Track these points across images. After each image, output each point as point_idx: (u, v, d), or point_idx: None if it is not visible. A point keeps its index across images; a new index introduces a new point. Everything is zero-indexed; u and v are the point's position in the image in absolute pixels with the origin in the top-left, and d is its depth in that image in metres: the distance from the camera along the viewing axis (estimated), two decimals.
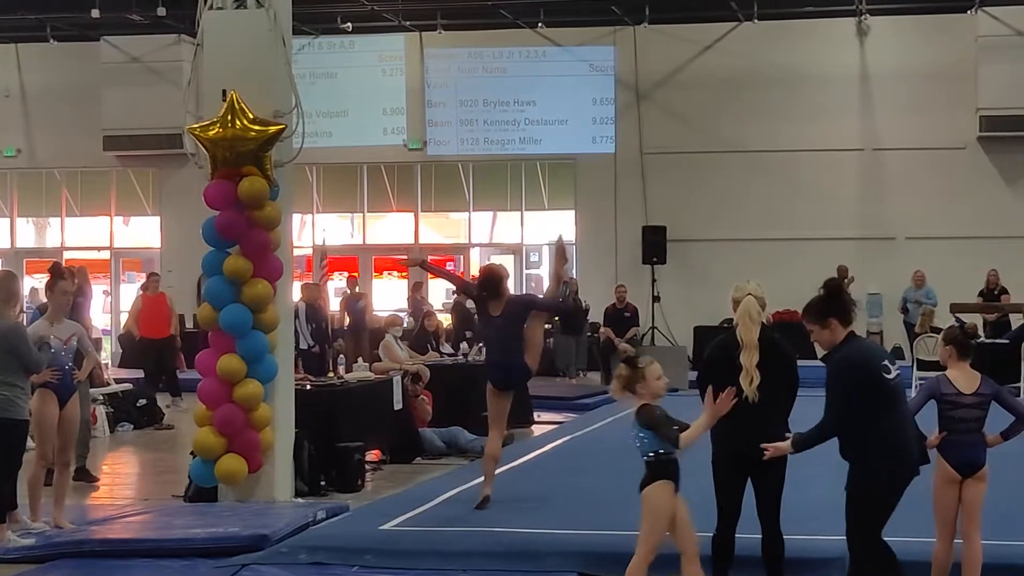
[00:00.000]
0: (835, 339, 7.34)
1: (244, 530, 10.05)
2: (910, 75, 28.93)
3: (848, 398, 7.17)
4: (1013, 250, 27.50)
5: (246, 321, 11.38)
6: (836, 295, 7.47)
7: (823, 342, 7.41)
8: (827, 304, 7.42)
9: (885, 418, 7.20)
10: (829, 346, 7.37)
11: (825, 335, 7.37)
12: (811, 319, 7.41)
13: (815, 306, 7.43)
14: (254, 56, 11.86)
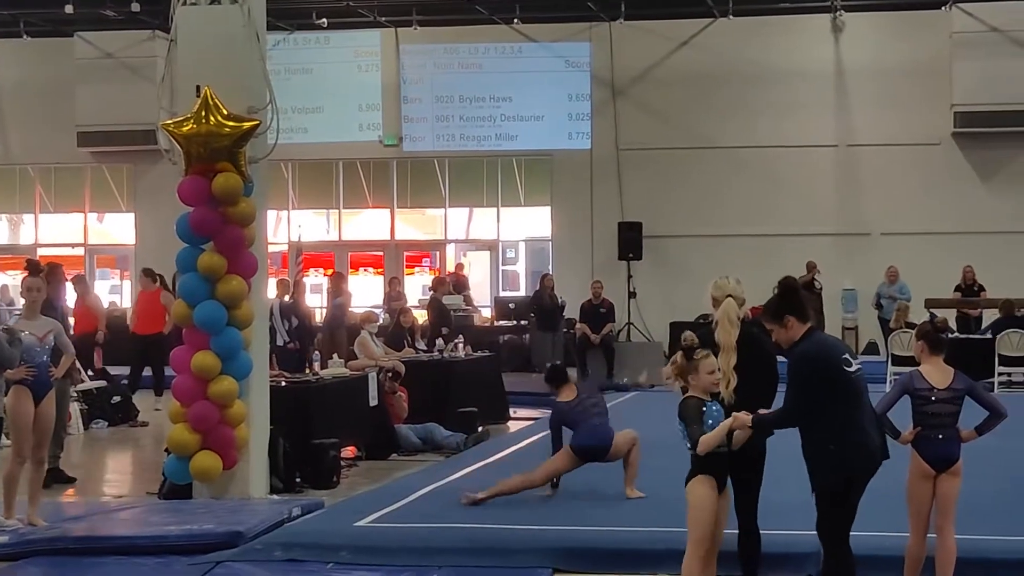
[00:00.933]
0: (794, 336, 7.38)
1: (219, 527, 10.02)
2: (885, 71, 29.03)
3: (807, 392, 7.22)
4: (987, 246, 27.61)
5: (220, 318, 11.35)
6: (790, 293, 7.50)
7: (783, 340, 7.44)
8: (782, 303, 7.46)
9: (844, 412, 7.23)
10: (789, 343, 7.41)
11: (784, 333, 7.41)
12: (769, 319, 7.47)
13: (771, 306, 7.47)
14: (228, 52, 11.82)
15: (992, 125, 28.16)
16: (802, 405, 7.22)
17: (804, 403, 7.21)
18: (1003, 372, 21.71)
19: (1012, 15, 28.02)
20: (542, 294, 25.92)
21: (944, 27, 28.47)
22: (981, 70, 28.03)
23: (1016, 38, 27.99)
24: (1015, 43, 27.97)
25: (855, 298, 28.30)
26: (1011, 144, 28.46)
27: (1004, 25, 28.05)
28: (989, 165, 28.77)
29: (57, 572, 9.36)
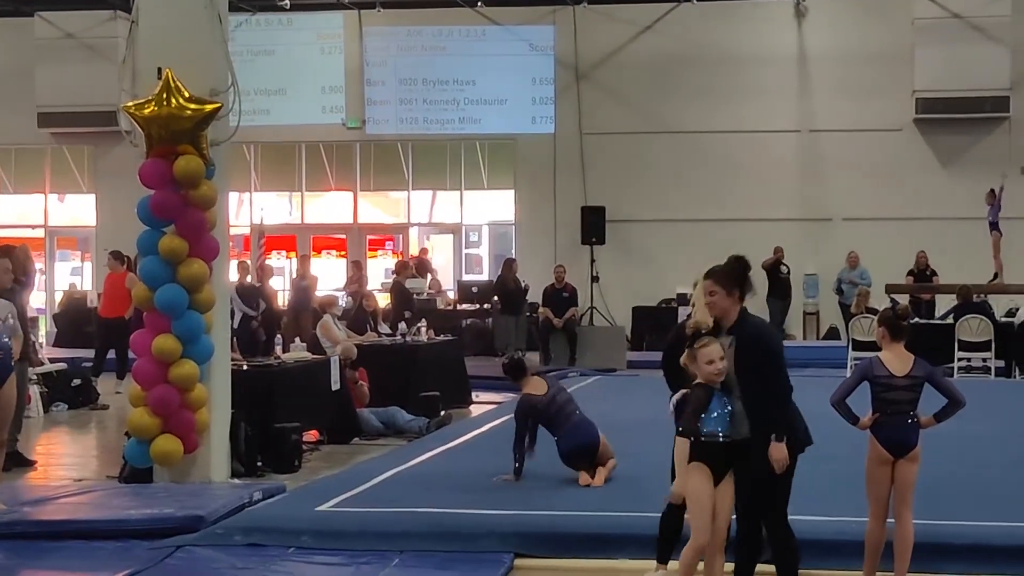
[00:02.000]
0: (732, 310, 7.47)
1: (179, 511, 9.98)
2: (847, 57, 29.16)
3: (784, 367, 7.33)
4: (947, 231, 27.80)
5: (182, 301, 11.29)
6: (747, 269, 7.66)
7: (719, 307, 7.47)
8: (740, 275, 7.57)
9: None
10: (722, 313, 7.47)
11: (726, 302, 7.47)
12: (720, 282, 7.49)
13: (729, 273, 7.55)
14: (190, 33, 11.74)
15: (953, 111, 28.34)
16: (787, 381, 7.33)
17: (787, 378, 7.33)
18: (962, 357, 21.86)
19: (973, 1, 28.19)
20: (506, 278, 25.92)
21: (906, 13, 28.60)
22: (942, 56, 28.18)
23: (977, 24, 28.14)
24: (976, 29, 28.12)
25: (816, 283, 28.45)
26: (971, 130, 28.65)
27: (965, 11, 28.20)
28: (949, 151, 28.94)
29: (16, 556, 9.30)
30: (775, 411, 7.39)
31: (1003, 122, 28.62)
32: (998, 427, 14.76)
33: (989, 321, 21.82)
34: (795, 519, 9.16)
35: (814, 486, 10.71)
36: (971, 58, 27.98)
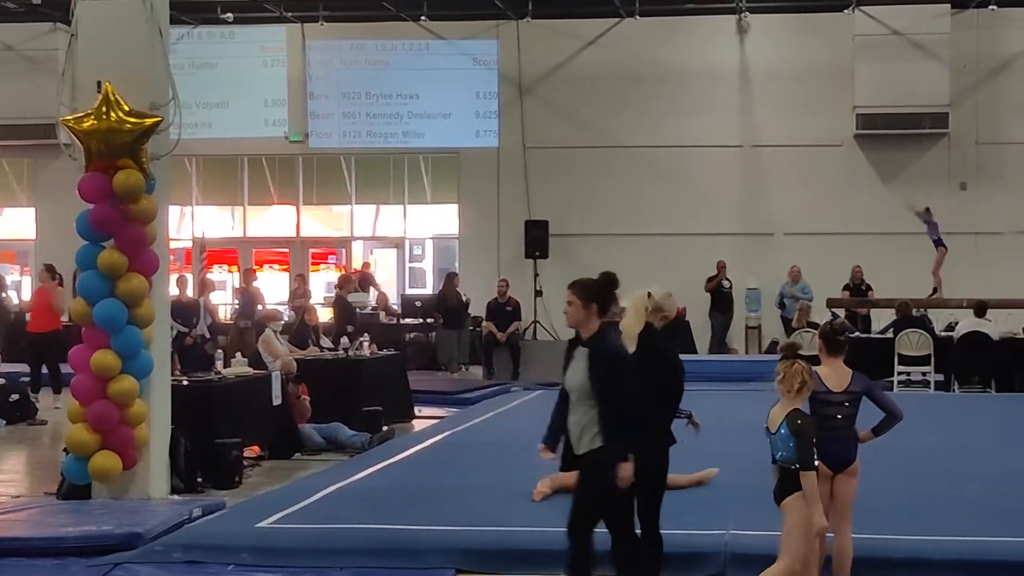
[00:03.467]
0: (587, 322, 7.50)
1: (118, 528, 9.90)
2: (789, 73, 29.35)
3: (635, 380, 7.41)
4: (887, 246, 27.99)
5: (121, 316, 11.21)
6: (610, 286, 7.69)
7: (574, 319, 7.52)
8: (601, 290, 7.61)
9: None
10: (575, 325, 7.54)
11: (581, 314, 7.50)
12: (578, 293, 7.53)
13: (590, 285, 7.59)
14: (130, 47, 11.68)
15: (893, 127, 28.57)
16: (636, 401, 7.36)
17: (637, 397, 7.36)
18: (902, 371, 22.01)
19: (913, 18, 28.41)
20: (448, 292, 25.90)
21: (847, 30, 28.81)
22: (882, 72, 28.40)
23: (917, 41, 28.38)
24: (916, 46, 28.35)
25: (758, 297, 28.57)
26: (911, 146, 28.90)
27: (905, 28, 28.43)
28: (889, 166, 29.16)
29: None
30: (627, 427, 7.40)
31: (942, 138, 28.88)
32: (937, 441, 14.87)
33: (928, 335, 21.99)
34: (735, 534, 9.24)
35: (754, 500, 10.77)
36: (911, 75, 28.21)
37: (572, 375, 7.54)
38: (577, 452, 7.53)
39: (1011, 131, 28.94)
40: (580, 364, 7.48)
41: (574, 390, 7.51)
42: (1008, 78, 29.04)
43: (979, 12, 28.63)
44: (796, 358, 7.59)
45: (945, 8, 28.48)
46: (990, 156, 28.99)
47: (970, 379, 22.22)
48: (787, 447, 7.44)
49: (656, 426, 7.78)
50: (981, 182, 28.78)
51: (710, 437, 7.97)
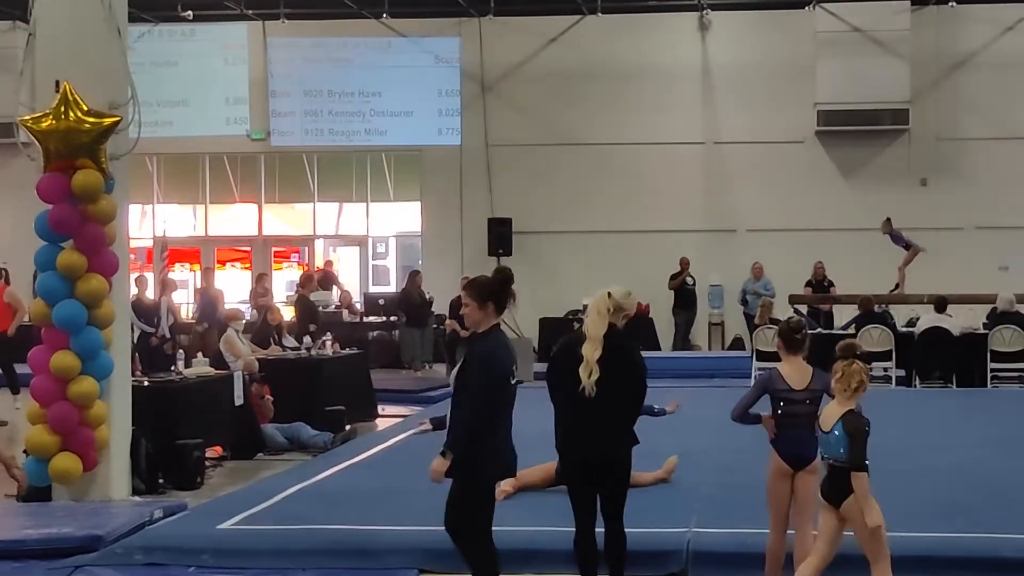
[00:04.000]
0: (485, 322, 7.52)
1: (78, 530, 9.85)
2: (751, 69, 29.43)
3: (492, 391, 7.41)
4: (849, 242, 28.12)
5: (80, 317, 11.15)
6: (505, 283, 7.71)
7: (472, 319, 7.55)
8: (496, 288, 7.62)
9: (500, 419, 7.49)
10: (475, 325, 7.55)
11: (478, 314, 7.52)
12: (473, 294, 7.55)
13: (484, 285, 7.61)
14: (89, 46, 11.60)
15: (854, 123, 28.68)
16: (494, 400, 7.38)
17: (491, 400, 7.37)
18: None
19: (873, 15, 28.53)
20: (411, 290, 25.86)
21: (808, 26, 28.90)
22: (844, 69, 28.50)
23: (877, 38, 28.50)
24: (877, 43, 28.47)
25: (721, 294, 28.66)
26: (872, 142, 29.03)
27: (866, 25, 28.55)
28: (851, 162, 29.30)
29: None
30: (458, 429, 7.44)
31: (903, 134, 29.02)
32: (898, 437, 14.92)
33: (890, 331, 22.09)
34: (698, 532, 9.26)
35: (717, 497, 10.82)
36: (872, 71, 28.33)
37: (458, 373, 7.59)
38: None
39: (971, 127, 29.11)
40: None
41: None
42: (968, 74, 29.20)
43: (939, 8, 28.79)
44: (855, 358, 7.56)
45: (905, 4, 28.61)
46: (950, 152, 29.15)
47: (931, 374, 22.33)
48: (842, 447, 7.41)
49: (622, 426, 7.79)
50: (941, 178, 28.94)
51: (673, 434, 7.98)
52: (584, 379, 7.65)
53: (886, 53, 28.44)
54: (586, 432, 7.74)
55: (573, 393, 7.70)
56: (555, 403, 7.96)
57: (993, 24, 29.03)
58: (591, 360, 7.69)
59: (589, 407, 7.67)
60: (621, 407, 7.79)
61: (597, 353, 7.70)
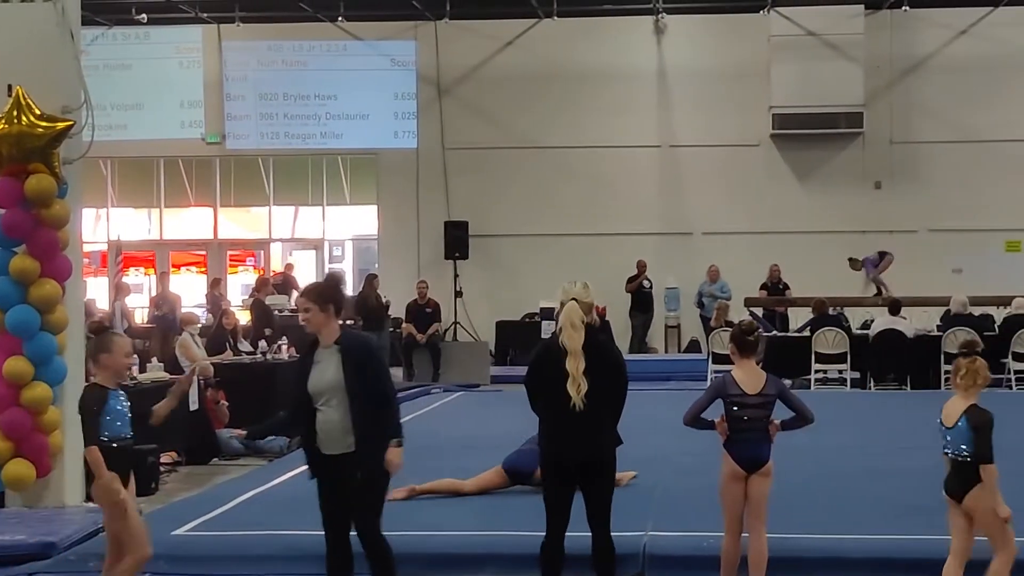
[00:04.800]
0: (328, 324, 7.61)
1: (31, 537, 9.80)
2: (706, 73, 29.54)
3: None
4: (804, 245, 28.31)
5: (33, 323, 11.08)
6: (339, 286, 7.92)
7: (314, 323, 7.62)
8: (333, 291, 7.75)
9: None
10: (317, 328, 7.62)
11: (319, 318, 7.60)
12: (313, 299, 7.63)
13: (322, 290, 7.73)
14: (41, 50, 11.54)
15: (808, 127, 28.84)
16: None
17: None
18: (819, 369, 22.22)
19: (828, 19, 28.70)
20: (367, 294, 25.79)
21: (763, 30, 29.04)
22: (798, 72, 28.67)
23: (831, 42, 28.67)
24: (831, 47, 28.65)
25: (677, 296, 28.74)
26: (826, 146, 29.21)
27: (820, 29, 28.71)
28: (805, 166, 29.47)
29: None
30: (393, 416, 7.65)
31: (857, 137, 29.21)
32: (853, 438, 15.03)
33: (844, 333, 22.21)
34: (654, 535, 9.28)
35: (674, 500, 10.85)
36: (826, 75, 28.50)
37: (321, 377, 7.59)
38: (333, 452, 7.56)
39: (924, 130, 29.33)
40: (330, 365, 7.57)
41: (325, 392, 7.55)
42: (921, 78, 29.42)
43: (892, 13, 28.99)
44: (977, 355, 7.66)
45: (859, 9, 28.82)
46: (904, 155, 29.36)
47: (885, 376, 22.48)
48: (966, 441, 7.46)
49: (606, 427, 7.77)
50: (895, 181, 29.13)
51: (629, 438, 7.99)
52: (573, 395, 7.55)
53: (840, 57, 28.62)
54: (572, 435, 7.65)
55: (557, 401, 7.61)
56: (537, 409, 7.88)
57: (946, 28, 29.25)
58: (577, 375, 7.59)
59: (573, 411, 7.59)
60: (605, 408, 7.73)
61: (581, 365, 7.61)
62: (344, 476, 7.54)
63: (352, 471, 7.52)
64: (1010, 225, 28.86)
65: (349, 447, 7.52)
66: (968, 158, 29.05)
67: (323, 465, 7.64)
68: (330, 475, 7.63)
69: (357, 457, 7.52)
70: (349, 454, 7.52)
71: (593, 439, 7.67)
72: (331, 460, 7.57)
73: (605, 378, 7.69)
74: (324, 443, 7.58)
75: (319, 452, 7.62)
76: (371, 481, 7.58)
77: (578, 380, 7.58)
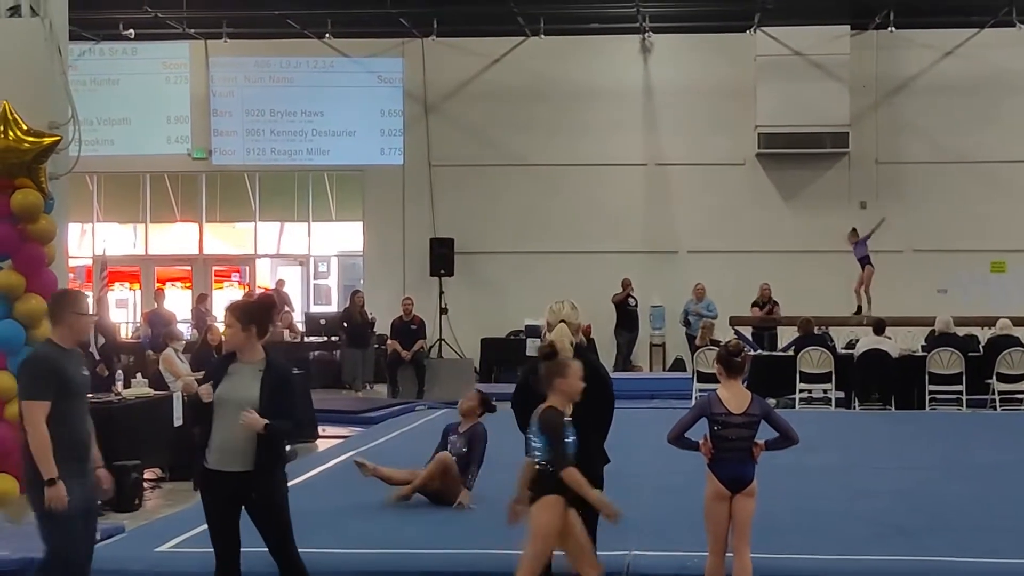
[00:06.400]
0: (248, 343, 7.62)
1: (14, 553, 9.74)
2: (692, 92, 29.62)
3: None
4: (788, 264, 28.39)
5: (18, 337, 11.08)
6: (269, 307, 7.93)
7: (234, 340, 7.64)
8: (259, 312, 7.75)
9: None
10: (237, 346, 7.64)
11: (240, 336, 7.62)
12: (236, 315, 7.65)
13: (248, 309, 7.76)
14: (29, 66, 11.59)
15: (793, 146, 28.93)
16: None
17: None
18: (804, 389, 22.23)
19: (814, 39, 28.81)
20: (352, 310, 25.82)
21: (749, 50, 29.13)
22: (783, 92, 28.77)
23: (817, 62, 28.78)
24: (817, 67, 28.76)
25: (662, 315, 28.78)
26: (812, 165, 29.30)
27: (806, 49, 28.82)
28: (790, 185, 29.55)
29: None
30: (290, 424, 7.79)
31: (843, 157, 29.30)
32: (838, 458, 15.04)
33: (829, 353, 22.23)
34: (637, 554, 9.27)
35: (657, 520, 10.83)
36: (812, 95, 28.61)
37: (236, 390, 7.55)
38: (237, 469, 7.53)
39: (910, 150, 29.44)
40: (246, 380, 7.56)
41: (236, 404, 7.49)
42: (907, 98, 29.52)
43: (878, 33, 29.06)
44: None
45: (845, 29, 28.94)
46: (889, 175, 29.45)
47: (870, 396, 22.46)
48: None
49: (594, 447, 7.75)
50: (881, 201, 29.17)
51: (614, 456, 7.98)
52: None
53: (826, 77, 28.73)
54: None
55: None
56: (524, 429, 7.82)
57: (932, 49, 29.37)
58: None
59: None
60: (592, 428, 7.72)
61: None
62: (242, 495, 7.57)
63: (252, 490, 7.56)
64: (995, 246, 28.96)
65: (245, 466, 7.52)
66: (954, 178, 29.17)
67: (210, 481, 7.61)
68: (222, 492, 7.60)
69: (257, 475, 7.53)
70: (246, 472, 7.52)
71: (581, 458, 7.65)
72: (224, 476, 7.54)
73: (593, 397, 7.68)
74: (217, 459, 7.56)
75: (207, 467, 7.60)
76: (271, 502, 7.62)
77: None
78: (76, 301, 7.71)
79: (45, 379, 7.36)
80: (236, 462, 7.52)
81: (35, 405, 7.29)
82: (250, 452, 7.49)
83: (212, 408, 7.58)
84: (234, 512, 7.67)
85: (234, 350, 7.67)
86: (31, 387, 7.37)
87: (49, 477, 7.33)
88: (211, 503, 7.72)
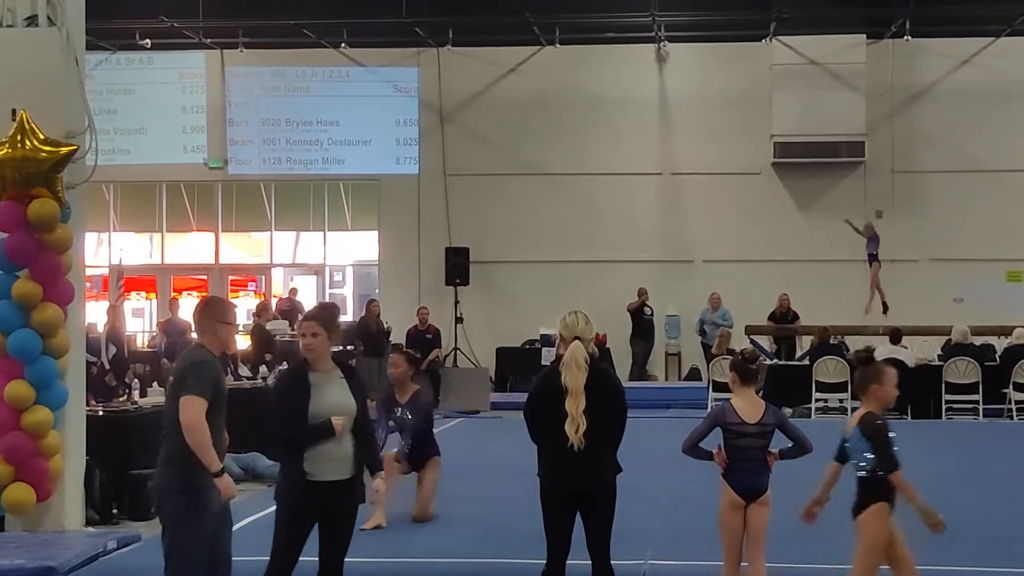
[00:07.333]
0: (328, 352, 7.67)
1: (31, 562, 9.78)
2: (707, 101, 29.60)
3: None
4: (805, 273, 28.31)
5: (35, 346, 11.08)
6: (338, 313, 8.12)
7: (320, 349, 7.62)
8: (336, 319, 7.93)
9: None
10: (320, 355, 7.62)
11: (325, 345, 7.65)
12: (324, 325, 7.67)
13: (330, 317, 7.84)
14: (46, 75, 11.58)
15: (809, 155, 28.90)
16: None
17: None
18: (819, 398, 22.18)
19: (829, 48, 28.78)
20: (368, 320, 25.83)
21: (764, 59, 29.12)
22: (799, 101, 28.75)
23: (833, 71, 28.75)
24: (833, 76, 28.73)
25: (678, 324, 28.75)
26: (828, 174, 29.24)
27: (822, 58, 28.79)
28: (806, 194, 29.49)
29: None
30: (376, 446, 8.17)
31: (858, 166, 29.26)
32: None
33: (845, 362, 22.18)
34: (654, 563, 9.26)
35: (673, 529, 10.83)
36: (828, 104, 28.58)
37: (323, 401, 7.52)
38: (327, 478, 7.49)
39: (925, 159, 29.39)
40: (336, 389, 7.59)
41: (341, 415, 7.50)
42: (923, 107, 29.47)
43: (894, 42, 29.04)
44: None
45: (861, 38, 28.90)
46: (905, 184, 29.39)
47: None
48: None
49: (607, 456, 7.74)
50: (896, 210, 29.14)
51: (629, 466, 7.98)
52: (571, 435, 7.51)
53: (842, 86, 28.70)
54: (572, 468, 7.61)
55: (556, 435, 7.58)
56: (536, 439, 7.84)
57: (948, 58, 29.32)
58: (577, 415, 7.56)
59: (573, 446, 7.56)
60: (606, 438, 7.70)
61: (581, 405, 7.58)
62: (333, 503, 7.51)
63: (345, 498, 7.51)
64: (1011, 255, 28.86)
65: (344, 474, 7.49)
66: (970, 187, 29.10)
67: (309, 492, 7.50)
68: (318, 502, 7.51)
69: (354, 484, 7.52)
70: (344, 481, 7.49)
71: (593, 472, 7.65)
72: (321, 487, 7.47)
73: (606, 406, 7.67)
74: (318, 469, 7.48)
75: (308, 478, 7.49)
76: (355, 512, 7.66)
77: (577, 420, 7.54)
78: (221, 309, 7.67)
79: (209, 380, 7.32)
80: (335, 471, 7.49)
81: (198, 401, 7.22)
82: (348, 461, 7.51)
83: (306, 425, 7.50)
84: (312, 524, 7.61)
85: (313, 359, 7.61)
86: (196, 384, 7.26)
87: (216, 469, 7.40)
88: (298, 515, 7.59)
